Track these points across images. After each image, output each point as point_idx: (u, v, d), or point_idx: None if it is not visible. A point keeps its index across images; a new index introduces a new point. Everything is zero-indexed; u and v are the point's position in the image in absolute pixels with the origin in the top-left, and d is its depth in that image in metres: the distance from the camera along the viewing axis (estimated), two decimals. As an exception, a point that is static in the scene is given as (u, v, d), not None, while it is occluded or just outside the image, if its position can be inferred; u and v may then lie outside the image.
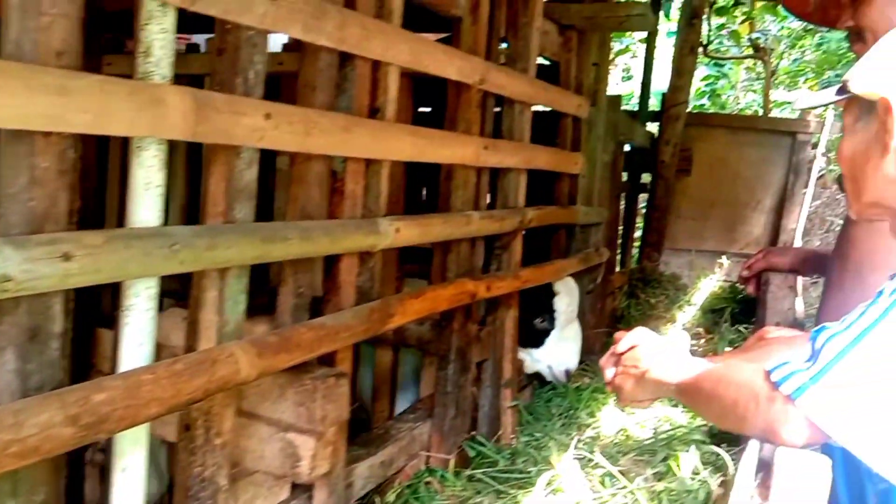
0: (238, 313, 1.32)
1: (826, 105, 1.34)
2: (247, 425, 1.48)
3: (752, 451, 1.29)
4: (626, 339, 1.59)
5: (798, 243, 4.37)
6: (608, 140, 3.07)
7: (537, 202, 2.52)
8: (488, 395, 2.27)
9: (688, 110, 4.44)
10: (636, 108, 4.57)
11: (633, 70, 7.55)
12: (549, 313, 2.51)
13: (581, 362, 2.97)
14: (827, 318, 2.19)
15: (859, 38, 1.76)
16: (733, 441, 2.25)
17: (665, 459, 2.10)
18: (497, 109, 2.24)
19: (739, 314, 3.50)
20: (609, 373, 1.62)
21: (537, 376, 2.67)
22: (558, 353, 2.52)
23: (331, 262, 1.53)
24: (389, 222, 1.57)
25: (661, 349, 1.58)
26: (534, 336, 2.51)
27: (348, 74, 1.48)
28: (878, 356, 1.01)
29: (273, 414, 1.47)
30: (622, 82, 7.65)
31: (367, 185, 1.57)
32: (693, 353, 1.74)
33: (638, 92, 4.59)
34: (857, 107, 1.17)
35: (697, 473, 1.71)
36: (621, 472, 1.92)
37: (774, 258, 2.70)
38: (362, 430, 2.22)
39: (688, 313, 3.67)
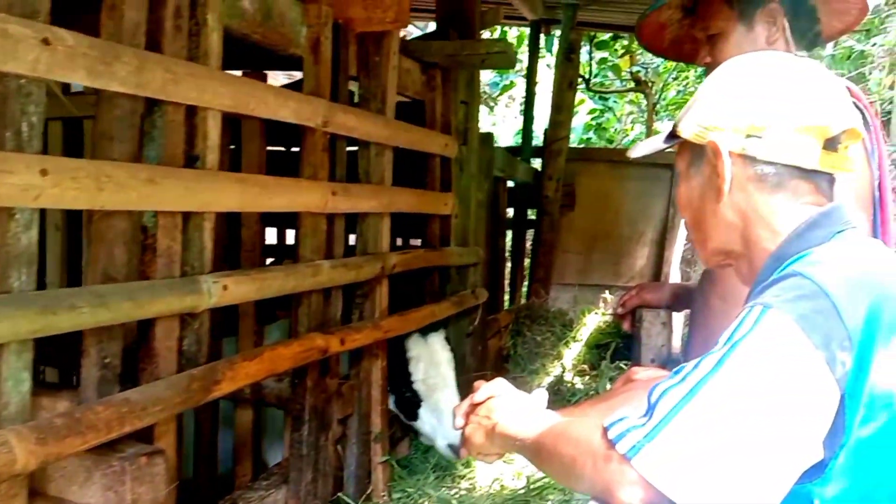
0: (21, 393, 1.15)
1: (660, 151, 1.33)
2: (50, 515, 1.30)
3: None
4: (484, 389, 1.52)
5: (676, 275, 4.49)
6: (482, 178, 3.05)
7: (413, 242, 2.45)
8: (354, 453, 2.14)
9: (573, 145, 4.53)
10: (520, 144, 4.63)
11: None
12: (408, 384, 2.28)
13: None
14: (693, 355, 2.21)
15: None
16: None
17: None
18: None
19: (624, 349, 3.54)
20: (460, 421, 1.55)
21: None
22: (436, 426, 2.27)
23: (145, 327, 1.39)
24: (214, 280, 1.44)
25: (515, 403, 1.51)
26: (407, 409, 2.32)
27: (156, 122, 1.36)
28: (712, 412, 0.96)
29: (80, 499, 1.30)
30: (517, 117, 7.80)
31: (186, 241, 1.44)
32: (577, 390, 1.70)
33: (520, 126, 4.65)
34: (688, 152, 1.15)
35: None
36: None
37: (647, 294, 2.71)
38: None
39: (574, 350, 3.67)
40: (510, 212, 4.40)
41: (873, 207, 1.57)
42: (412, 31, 6.32)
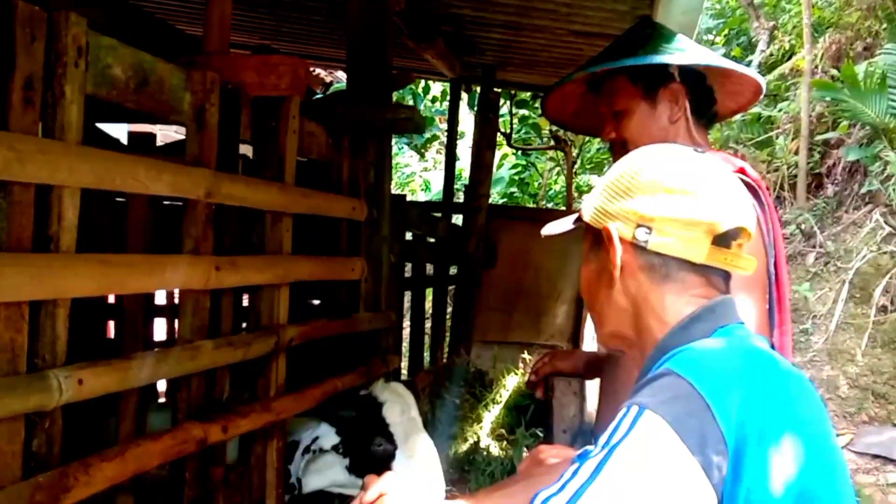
0: None
1: (567, 231, 1.32)
2: None
3: None
4: (374, 487, 1.43)
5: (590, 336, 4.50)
6: (394, 241, 2.98)
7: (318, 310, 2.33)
8: (246, 546, 1.98)
9: (498, 199, 4.54)
10: (441, 200, 4.61)
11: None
12: (382, 430, 2.12)
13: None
14: (602, 427, 2.16)
15: (623, 150, 1.80)
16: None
17: None
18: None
19: (542, 412, 3.48)
20: None
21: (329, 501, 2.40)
22: (414, 471, 2.08)
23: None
24: (66, 374, 1.30)
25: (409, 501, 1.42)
26: (375, 466, 2.06)
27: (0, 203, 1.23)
28: None
29: None
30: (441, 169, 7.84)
31: (36, 331, 1.30)
32: (493, 458, 1.61)
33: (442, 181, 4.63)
34: (591, 235, 1.15)
35: None
36: None
37: (559, 362, 2.67)
38: None
39: (493, 412, 3.60)
40: (430, 268, 4.34)
41: (769, 288, 1.59)
42: (341, 76, 6.24)
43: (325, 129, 2.46)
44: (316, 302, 3.04)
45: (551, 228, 1.43)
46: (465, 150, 4.71)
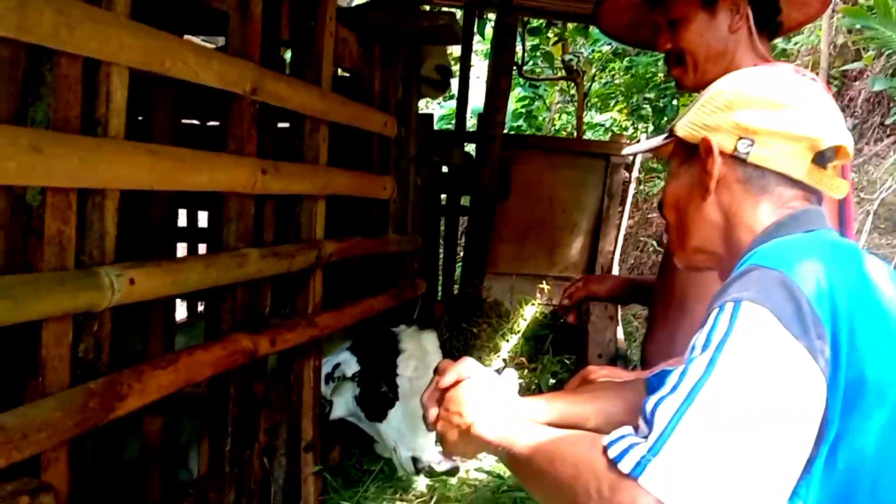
0: None
1: (655, 148, 1.29)
2: None
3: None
4: (452, 372, 1.37)
5: (616, 266, 4.44)
6: (421, 162, 2.85)
7: (348, 231, 2.22)
8: (283, 465, 1.91)
9: (504, 132, 4.37)
10: (454, 129, 4.44)
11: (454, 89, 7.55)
12: (391, 377, 2.03)
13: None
14: (654, 352, 2.08)
15: (679, 62, 1.69)
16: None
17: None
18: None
19: (561, 342, 3.43)
20: (433, 413, 1.39)
21: (348, 430, 2.35)
22: (404, 433, 2.01)
23: (29, 331, 1.11)
24: (118, 272, 1.18)
25: (487, 395, 1.36)
26: (375, 405, 2.06)
27: (45, 76, 1.08)
28: (713, 417, 0.88)
29: (-59, 552, 1.03)
30: (445, 101, 7.59)
31: (83, 224, 1.18)
32: (518, 385, 1.54)
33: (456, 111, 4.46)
34: (682, 151, 1.15)
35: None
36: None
37: (594, 286, 2.60)
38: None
39: (511, 342, 3.54)
40: (443, 198, 4.22)
41: (840, 227, 1.58)
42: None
43: (357, 37, 2.30)
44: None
45: (638, 147, 1.37)
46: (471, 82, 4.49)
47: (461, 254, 4.50)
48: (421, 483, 2.20)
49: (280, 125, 1.90)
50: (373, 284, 2.45)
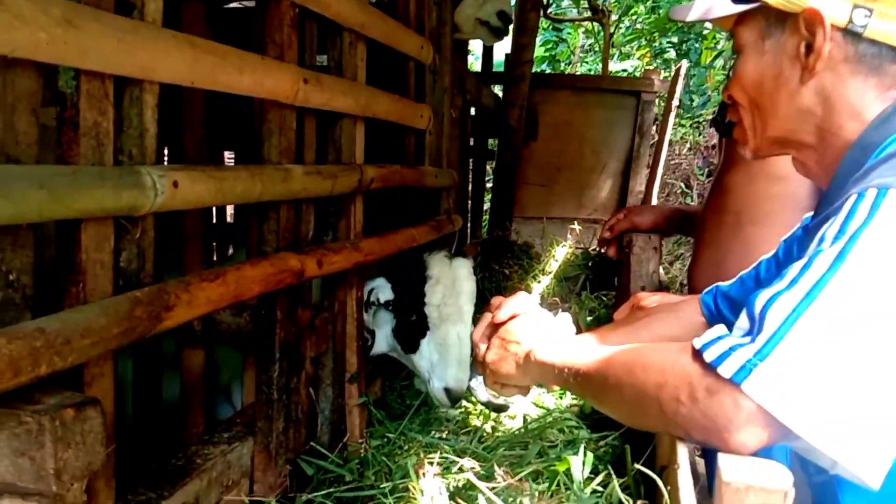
0: None
1: (721, 17, 1.10)
2: (-61, 491, 0.94)
3: (682, 461, 0.95)
4: (507, 307, 1.28)
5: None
6: (456, 93, 2.71)
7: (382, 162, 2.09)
8: (329, 396, 1.83)
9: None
10: (479, 70, 4.28)
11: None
12: (419, 306, 1.94)
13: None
14: (702, 277, 1.97)
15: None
16: (609, 424, 2.00)
17: (541, 455, 1.78)
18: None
19: (593, 281, 3.34)
20: (483, 349, 1.31)
21: (388, 363, 2.27)
22: (436, 363, 1.95)
23: (67, 234, 1.01)
24: (161, 173, 1.07)
25: (543, 325, 1.28)
26: (409, 337, 1.98)
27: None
28: (838, 317, 0.77)
29: (-18, 470, 0.94)
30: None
31: (120, 118, 1.06)
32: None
33: (480, 51, 4.29)
34: (763, 21, 0.98)
35: (590, 480, 1.37)
36: (496, 476, 1.56)
37: (637, 218, 2.50)
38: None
39: (543, 283, 3.44)
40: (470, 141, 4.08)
41: None
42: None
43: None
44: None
45: (693, 12, 1.16)
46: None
47: (488, 198, 4.38)
48: (467, 416, 2.12)
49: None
50: (409, 217, 2.34)
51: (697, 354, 0.86)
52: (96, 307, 0.95)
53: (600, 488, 1.36)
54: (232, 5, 2.59)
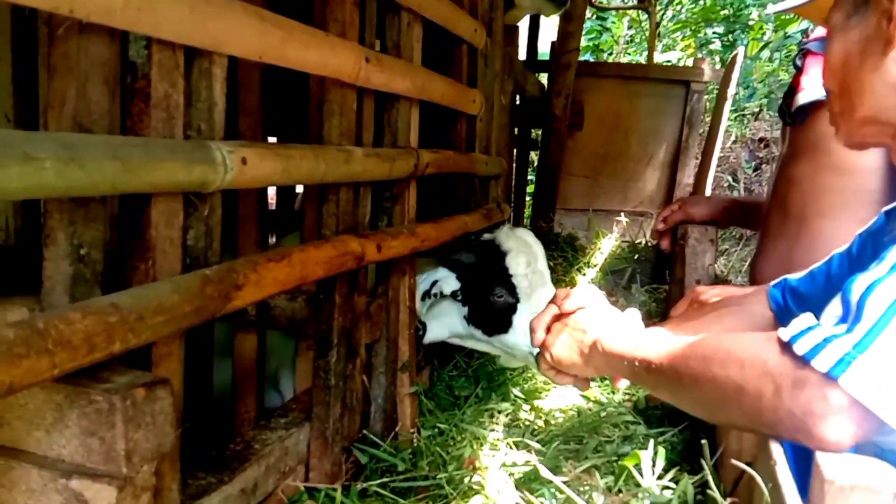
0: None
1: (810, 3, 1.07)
2: (6, 470, 0.92)
3: (778, 457, 0.89)
4: (574, 298, 1.23)
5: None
6: (506, 79, 2.65)
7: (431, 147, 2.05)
8: (382, 384, 1.79)
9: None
10: (523, 59, 4.20)
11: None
12: (504, 281, 1.91)
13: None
14: (766, 271, 1.89)
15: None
16: (667, 419, 1.93)
17: (597, 451, 1.73)
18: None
19: (641, 275, 3.26)
20: (540, 336, 1.26)
21: (436, 354, 2.23)
22: None
23: (136, 209, 0.98)
24: (230, 149, 1.04)
25: (611, 316, 1.23)
26: (494, 318, 1.93)
27: None
28: None
29: (48, 450, 0.92)
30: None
31: (191, 91, 1.03)
32: None
33: (525, 38, 4.21)
34: (849, 1, 0.96)
35: (660, 476, 1.32)
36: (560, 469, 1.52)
37: (693, 209, 2.42)
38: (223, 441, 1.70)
39: (588, 276, 3.37)
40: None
41: None
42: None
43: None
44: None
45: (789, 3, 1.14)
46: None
47: (530, 189, 4.31)
48: (519, 410, 2.07)
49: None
50: (456, 205, 2.29)
51: (786, 346, 0.81)
52: (168, 284, 0.92)
53: (672, 484, 1.30)
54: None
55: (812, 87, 1.74)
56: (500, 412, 2.03)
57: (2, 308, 0.95)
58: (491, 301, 1.94)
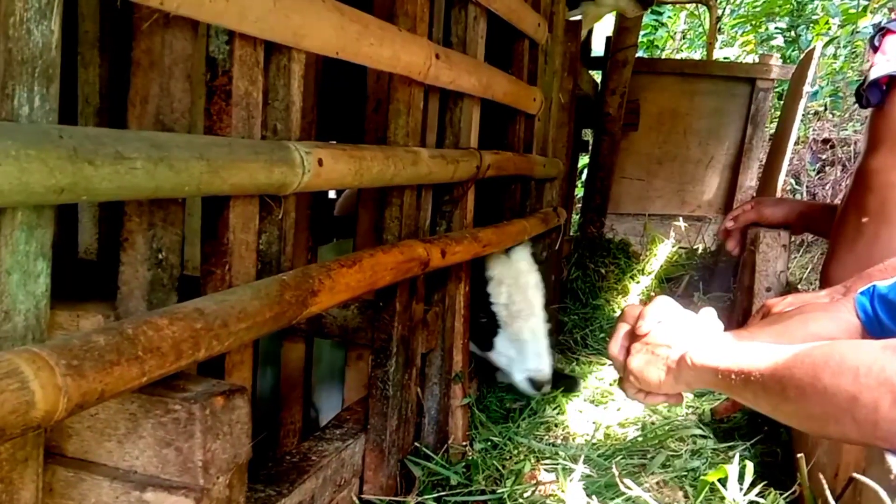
0: (33, 297, 0.73)
1: None
2: (75, 482, 0.90)
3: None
4: (649, 315, 1.17)
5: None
6: (566, 77, 2.58)
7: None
8: (435, 395, 1.74)
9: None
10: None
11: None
12: (485, 308, 1.93)
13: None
14: (842, 276, 1.79)
15: None
16: (738, 433, 1.85)
17: (666, 464, 1.65)
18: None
19: (698, 282, 3.15)
20: (620, 360, 1.20)
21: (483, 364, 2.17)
22: (514, 357, 1.94)
23: (213, 212, 0.95)
24: (307, 149, 1.00)
25: (693, 327, 1.16)
26: (479, 335, 1.95)
27: None
28: None
29: (120, 461, 0.89)
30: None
31: (268, 88, 0.99)
32: None
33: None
34: None
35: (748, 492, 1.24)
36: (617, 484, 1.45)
37: (766, 209, 2.31)
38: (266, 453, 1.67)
39: (642, 283, 3.28)
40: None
41: None
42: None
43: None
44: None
45: None
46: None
47: (580, 192, 4.22)
48: (576, 420, 2.00)
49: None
50: (513, 209, 2.22)
51: None
52: (249, 290, 0.88)
53: (760, 500, 1.23)
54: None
55: (888, 62, 1.64)
56: (556, 425, 1.97)
57: (76, 314, 0.93)
58: (477, 320, 1.93)
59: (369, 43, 1.14)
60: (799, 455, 1.13)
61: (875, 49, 1.71)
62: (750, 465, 1.24)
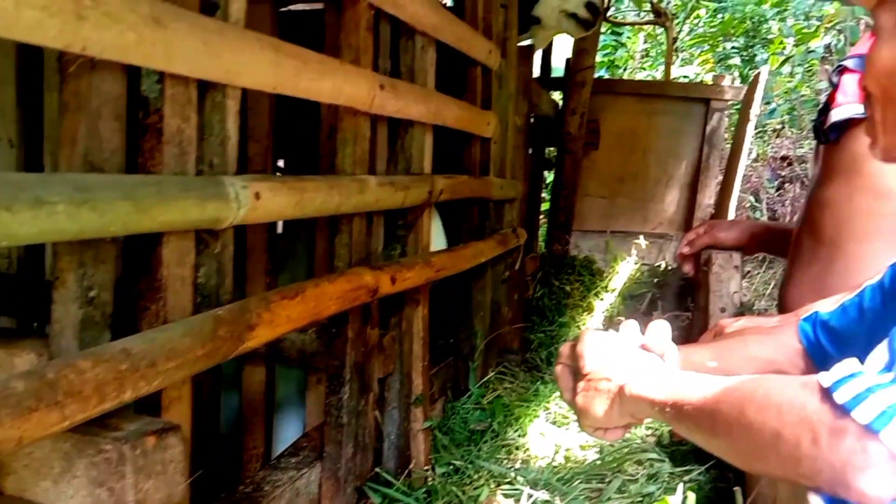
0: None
1: None
2: (8, 524, 0.89)
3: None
4: (587, 353, 1.16)
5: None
6: (521, 100, 2.62)
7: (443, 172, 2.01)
8: (395, 419, 1.75)
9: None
10: (536, 76, 4.18)
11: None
12: None
13: (499, 363, 2.52)
14: (797, 298, 1.83)
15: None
16: (692, 457, 1.87)
17: (622, 491, 1.67)
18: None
19: (661, 300, 3.20)
20: (570, 400, 1.20)
21: (452, 388, 2.18)
22: None
23: (147, 248, 0.95)
24: (243, 184, 1.01)
25: (627, 354, 1.17)
26: None
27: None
28: None
29: (56, 501, 0.89)
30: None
31: (203, 125, 1.00)
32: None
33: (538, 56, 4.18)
34: None
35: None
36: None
37: (721, 233, 2.36)
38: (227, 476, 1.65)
39: (606, 301, 3.31)
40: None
41: None
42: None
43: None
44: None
45: None
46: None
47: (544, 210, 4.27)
48: (537, 443, 2.01)
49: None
50: (471, 231, 2.25)
51: (826, 393, 0.76)
52: (180, 327, 0.88)
53: (702, 530, 1.25)
54: (294, 7, 2.54)
55: (847, 104, 1.69)
56: (517, 448, 1.98)
57: (10, 353, 0.92)
58: None
59: (308, 78, 1.16)
60: (735, 488, 1.15)
61: (834, 87, 1.75)
62: (692, 496, 1.25)
